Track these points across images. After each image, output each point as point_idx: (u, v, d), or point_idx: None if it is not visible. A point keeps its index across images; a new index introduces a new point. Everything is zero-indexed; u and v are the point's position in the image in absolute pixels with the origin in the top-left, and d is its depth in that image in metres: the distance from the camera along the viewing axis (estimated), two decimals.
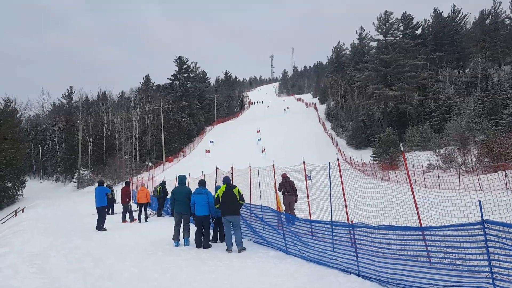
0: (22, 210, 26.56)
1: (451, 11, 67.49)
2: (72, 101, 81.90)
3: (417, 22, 67.03)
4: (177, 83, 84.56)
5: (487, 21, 66.25)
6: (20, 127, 51.87)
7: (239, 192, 8.72)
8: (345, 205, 8.55)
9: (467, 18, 68.65)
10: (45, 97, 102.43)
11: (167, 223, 13.10)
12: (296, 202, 12.25)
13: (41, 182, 63.43)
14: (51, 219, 17.86)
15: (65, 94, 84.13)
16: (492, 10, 67.15)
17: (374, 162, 37.31)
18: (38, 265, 7.16)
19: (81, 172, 53.57)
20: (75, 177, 54.56)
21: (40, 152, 67.78)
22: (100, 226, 12.75)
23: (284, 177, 12.62)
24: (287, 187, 12.36)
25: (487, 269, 4.20)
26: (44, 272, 6.69)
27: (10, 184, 43.72)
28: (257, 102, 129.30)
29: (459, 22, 67.13)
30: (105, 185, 15.60)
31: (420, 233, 5.48)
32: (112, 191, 20.72)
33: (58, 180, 62.60)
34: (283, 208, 11.64)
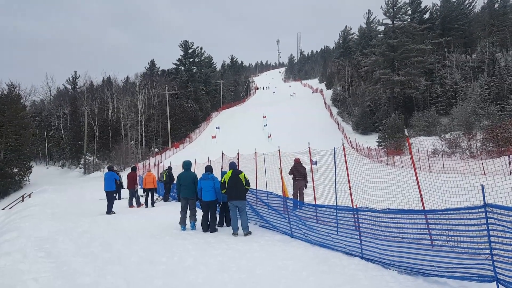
0: (29, 196, 26.88)
1: None
2: (77, 87, 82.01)
3: (425, 6, 65.89)
4: (183, 68, 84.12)
5: (496, 5, 65.07)
6: (24, 112, 51.93)
7: (245, 177, 8.83)
8: (350, 189, 8.64)
9: (475, 2, 67.93)
10: (50, 82, 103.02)
11: (174, 208, 13.30)
12: (306, 188, 12.40)
13: (47, 168, 64.02)
14: (59, 204, 18.11)
15: (69, 79, 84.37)
16: None
17: (380, 147, 37.29)
18: (46, 250, 7.32)
19: (87, 157, 54.01)
20: (81, 162, 55.06)
21: (46, 138, 68.23)
22: (109, 210, 13.37)
23: (297, 162, 12.71)
24: (298, 172, 12.48)
25: (487, 251, 4.29)
26: (53, 256, 6.84)
27: (16, 170, 43.85)
28: (263, 88, 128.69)
29: (467, 6, 65.87)
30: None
31: (423, 216, 5.57)
32: (120, 177, 20.98)
33: (64, 166, 63.13)
34: (289, 193, 11.77)
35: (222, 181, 8.93)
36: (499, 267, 4.17)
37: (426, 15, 65.71)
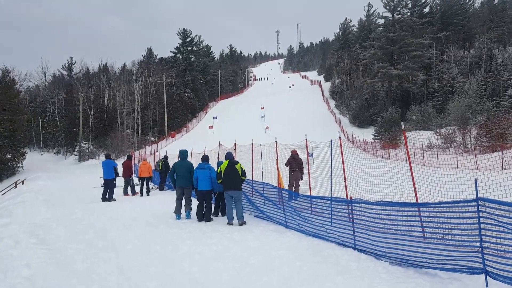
0: (22, 182, 26.59)
1: None
2: (73, 73, 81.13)
3: (426, 0, 65.63)
4: (180, 57, 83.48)
5: (496, 1, 65.08)
6: (19, 98, 51.35)
7: (241, 168, 8.86)
8: (345, 181, 8.69)
9: None
10: (45, 68, 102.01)
11: (169, 197, 13.33)
12: (301, 179, 12.46)
13: (42, 155, 63.70)
14: (53, 191, 18.06)
15: (65, 65, 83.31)
16: None
17: (376, 140, 37.44)
18: (39, 236, 7.32)
19: (82, 145, 53.79)
20: (76, 150, 54.80)
21: (40, 124, 67.76)
22: (110, 197, 13.75)
23: (294, 154, 12.79)
24: (295, 164, 12.56)
25: (477, 244, 4.36)
26: (46, 243, 6.85)
27: (10, 156, 43.32)
28: (261, 79, 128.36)
29: (467, 1, 65.81)
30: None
31: (416, 209, 5.64)
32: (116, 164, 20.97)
33: (58, 153, 62.80)
34: (284, 184, 11.83)
35: (218, 171, 8.95)
36: (488, 260, 4.26)
37: (426, 9, 65.50)
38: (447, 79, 46.85)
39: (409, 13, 59.14)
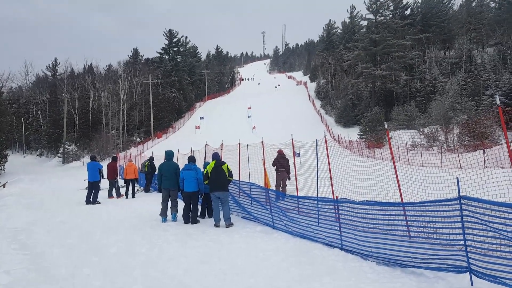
0: (4, 185, 25.84)
1: None
2: (57, 74, 79.71)
3: (407, 2, 67.08)
4: (167, 57, 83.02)
5: (473, 4, 66.87)
6: (1, 99, 50.20)
7: (228, 168, 8.81)
8: (331, 181, 8.73)
9: (454, 0, 69.15)
10: (28, 69, 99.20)
11: (155, 199, 13.17)
12: (289, 179, 12.46)
13: (24, 157, 62.33)
14: (36, 194, 17.71)
15: (49, 66, 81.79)
16: None
17: (361, 140, 37.81)
18: (20, 241, 7.14)
19: (66, 147, 52.84)
20: (60, 152, 53.83)
21: (23, 126, 66.29)
22: (95, 199, 13.40)
23: (280, 154, 12.76)
24: (281, 164, 12.55)
25: (461, 242, 4.41)
26: (27, 248, 6.68)
27: None
28: (248, 79, 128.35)
29: (446, 3, 67.61)
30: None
31: (401, 208, 5.69)
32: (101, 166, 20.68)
33: (42, 155, 61.56)
34: (270, 184, 11.82)
35: (204, 172, 8.87)
36: (472, 258, 4.31)
37: (408, 11, 66.83)
38: (429, 79, 47.73)
39: (391, 15, 60.23)
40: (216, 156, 9.08)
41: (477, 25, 54.98)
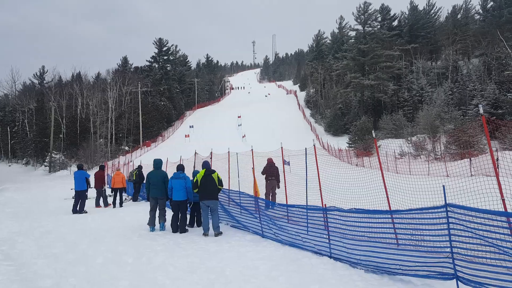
0: None
1: (426, 4, 69.58)
2: (44, 82, 78.97)
3: (394, 14, 68.62)
4: (157, 66, 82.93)
5: (459, 16, 68.67)
6: None
7: (218, 177, 8.77)
8: (320, 189, 8.75)
9: (440, 12, 71.05)
10: (15, 76, 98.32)
11: (143, 208, 13.02)
12: (278, 188, 12.45)
13: (9, 166, 61.36)
14: (21, 203, 17.39)
15: (36, 74, 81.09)
16: (464, 5, 69.67)
17: (350, 148, 38.11)
18: (4, 251, 7.00)
19: (53, 155, 52.09)
20: (46, 160, 53.02)
21: (9, 134, 65.31)
22: (81, 209, 13.23)
23: (270, 162, 12.74)
24: (271, 172, 12.53)
25: (448, 249, 4.45)
26: (11, 258, 6.54)
27: None
28: (238, 88, 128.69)
29: (433, 15, 69.17)
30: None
31: (389, 216, 5.72)
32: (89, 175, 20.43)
33: (28, 164, 60.62)
34: (260, 193, 11.79)
35: (194, 180, 8.81)
36: (459, 265, 4.34)
37: (395, 23, 68.31)
38: (416, 89, 48.53)
39: (379, 26, 61.45)
40: (206, 165, 9.04)
41: (463, 36, 56.33)
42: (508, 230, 4.15)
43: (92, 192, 15.92)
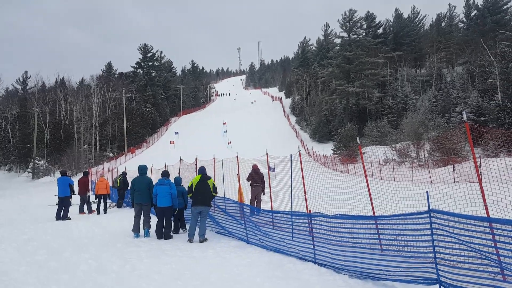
0: None
1: (411, 12, 70.60)
2: (27, 87, 77.73)
3: (379, 22, 69.60)
4: (141, 72, 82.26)
5: (443, 24, 70.11)
6: None
7: (213, 184, 8.74)
8: (305, 195, 8.80)
9: (425, 20, 72.32)
10: None
11: (127, 214, 12.88)
12: (263, 194, 12.45)
13: None
14: (3, 210, 17.01)
15: (19, 79, 79.78)
16: (448, 13, 71.14)
17: (335, 155, 38.40)
18: None
19: (36, 162, 51.10)
20: (29, 167, 51.97)
21: None
22: (65, 216, 13.05)
23: (255, 169, 12.72)
24: (256, 179, 12.51)
25: (431, 254, 4.52)
26: None
27: None
28: (224, 94, 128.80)
29: (418, 23, 70.44)
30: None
31: (373, 221, 5.79)
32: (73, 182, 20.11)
33: (10, 170, 59.38)
34: (244, 199, 11.79)
35: (190, 185, 8.74)
36: (442, 270, 4.41)
37: (380, 30, 69.31)
38: (400, 96, 49.30)
39: (364, 34, 62.34)
40: (202, 170, 8.98)
41: (447, 44, 57.57)
42: (490, 235, 4.23)
43: (76, 199, 15.65)
